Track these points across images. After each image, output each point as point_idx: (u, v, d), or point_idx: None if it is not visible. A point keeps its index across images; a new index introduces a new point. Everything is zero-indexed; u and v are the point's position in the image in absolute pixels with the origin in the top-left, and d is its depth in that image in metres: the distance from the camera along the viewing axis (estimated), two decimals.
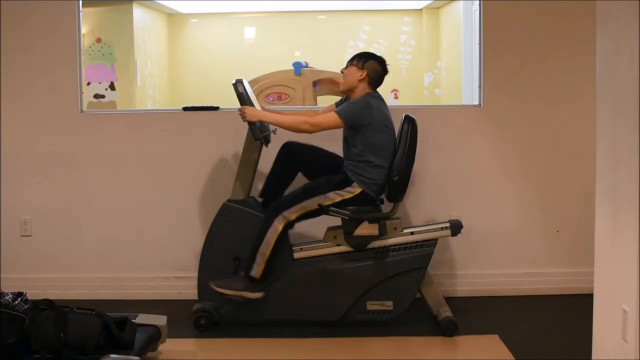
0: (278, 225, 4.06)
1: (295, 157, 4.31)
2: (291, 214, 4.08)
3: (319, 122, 4.06)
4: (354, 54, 4.28)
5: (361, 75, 4.14)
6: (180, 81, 7.57)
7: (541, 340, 4.07)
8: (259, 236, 4.09)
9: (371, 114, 4.06)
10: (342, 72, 4.24)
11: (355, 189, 4.10)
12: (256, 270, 4.08)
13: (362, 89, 4.16)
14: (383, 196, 4.25)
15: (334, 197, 4.10)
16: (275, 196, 4.26)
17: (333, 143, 4.33)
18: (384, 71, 4.21)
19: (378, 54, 4.31)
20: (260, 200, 4.35)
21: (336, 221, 4.21)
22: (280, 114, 4.18)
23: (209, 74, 7.39)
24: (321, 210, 4.10)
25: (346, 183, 4.11)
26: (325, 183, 4.15)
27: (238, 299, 4.10)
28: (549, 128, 4.80)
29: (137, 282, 4.85)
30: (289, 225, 4.11)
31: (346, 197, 4.10)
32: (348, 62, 4.23)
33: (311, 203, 4.09)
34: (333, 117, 4.05)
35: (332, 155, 4.34)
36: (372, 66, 4.17)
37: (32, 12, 4.77)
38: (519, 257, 4.84)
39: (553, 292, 4.78)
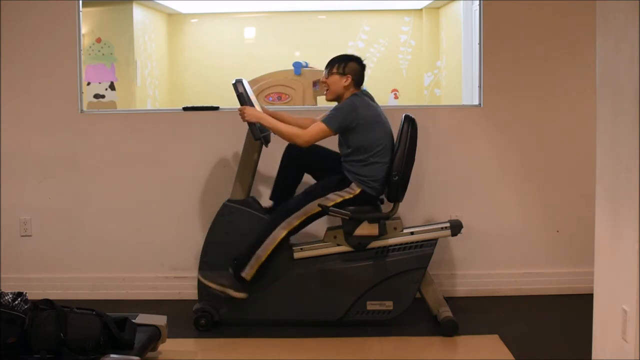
0: (281, 233, 4.08)
1: (299, 158, 4.29)
2: (294, 219, 4.09)
3: (310, 137, 4.06)
4: (332, 58, 4.22)
5: (346, 81, 4.13)
6: (180, 81, 7.58)
7: (541, 340, 4.07)
8: (259, 239, 4.10)
9: (357, 115, 4.05)
10: (323, 81, 4.22)
11: (354, 189, 4.10)
12: (248, 272, 4.10)
13: (350, 92, 4.16)
14: (383, 196, 4.25)
15: (334, 198, 4.10)
16: (285, 198, 4.26)
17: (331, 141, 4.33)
18: (363, 68, 4.22)
19: (357, 54, 4.30)
20: (271, 202, 4.36)
21: (336, 221, 4.21)
22: (278, 121, 4.14)
23: (209, 74, 7.39)
24: (323, 212, 4.10)
25: (345, 183, 4.12)
26: (324, 185, 4.16)
27: (222, 295, 4.12)
28: (549, 128, 4.80)
29: (137, 282, 4.85)
30: (293, 231, 4.12)
31: (346, 197, 4.10)
32: (326, 69, 4.19)
33: (313, 207, 4.10)
34: (322, 128, 4.05)
35: (335, 155, 4.33)
36: (353, 68, 4.16)
37: (32, 12, 4.77)
38: (519, 257, 4.84)
39: (553, 292, 4.78)
